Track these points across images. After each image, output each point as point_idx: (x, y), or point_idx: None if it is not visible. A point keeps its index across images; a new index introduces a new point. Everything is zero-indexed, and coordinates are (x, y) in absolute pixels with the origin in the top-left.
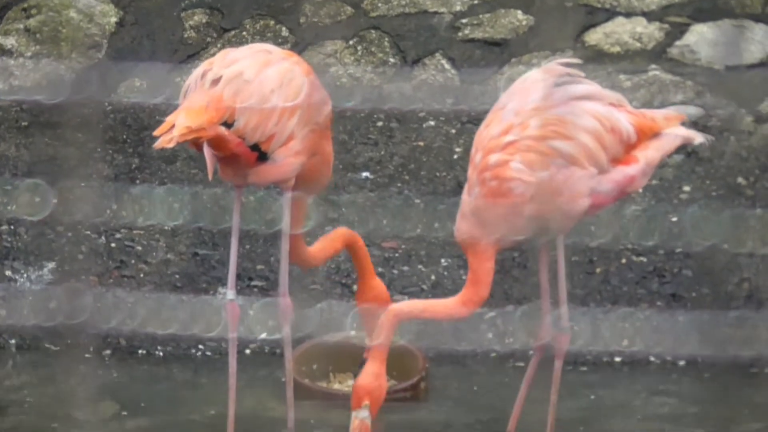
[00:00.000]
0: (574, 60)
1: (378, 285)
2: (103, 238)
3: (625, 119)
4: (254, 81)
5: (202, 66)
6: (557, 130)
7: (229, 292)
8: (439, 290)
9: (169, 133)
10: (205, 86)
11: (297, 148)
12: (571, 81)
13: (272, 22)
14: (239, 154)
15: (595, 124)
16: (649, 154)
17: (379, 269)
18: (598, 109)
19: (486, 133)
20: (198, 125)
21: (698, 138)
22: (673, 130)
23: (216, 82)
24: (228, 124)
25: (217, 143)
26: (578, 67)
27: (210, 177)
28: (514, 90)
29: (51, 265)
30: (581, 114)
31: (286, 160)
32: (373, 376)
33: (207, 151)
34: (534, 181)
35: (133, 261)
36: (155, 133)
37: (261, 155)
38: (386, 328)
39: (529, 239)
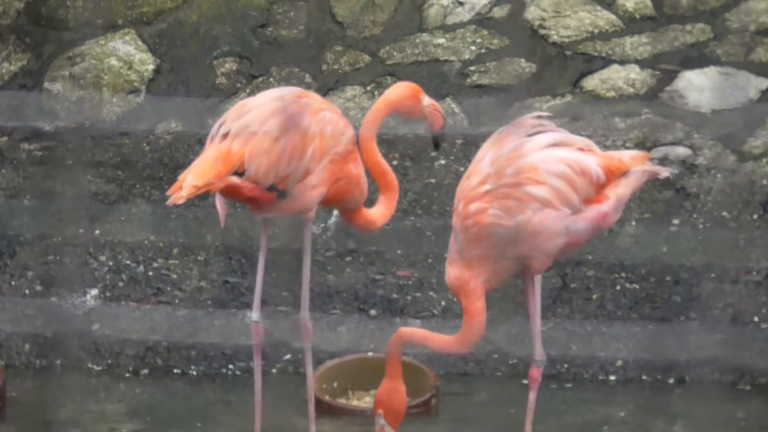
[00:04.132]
0: (545, 114)
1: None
2: (141, 267)
3: (593, 162)
4: (260, 131)
5: (222, 118)
6: (530, 177)
7: (255, 314)
8: (448, 314)
9: (180, 192)
10: (215, 141)
11: (314, 182)
12: (543, 130)
13: (296, 70)
14: (257, 197)
15: (565, 169)
16: (620, 190)
17: (394, 295)
18: (568, 154)
19: (466, 184)
20: (204, 182)
21: (664, 172)
22: (641, 167)
23: (225, 136)
24: (240, 173)
25: (231, 192)
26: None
27: (222, 224)
28: (490, 142)
29: (93, 291)
30: (551, 161)
31: (305, 194)
32: (387, 388)
33: (218, 201)
34: (512, 224)
35: (168, 288)
36: (168, 192)
37: (280, 192)
38: (395, 348)
39: (512, 277)
